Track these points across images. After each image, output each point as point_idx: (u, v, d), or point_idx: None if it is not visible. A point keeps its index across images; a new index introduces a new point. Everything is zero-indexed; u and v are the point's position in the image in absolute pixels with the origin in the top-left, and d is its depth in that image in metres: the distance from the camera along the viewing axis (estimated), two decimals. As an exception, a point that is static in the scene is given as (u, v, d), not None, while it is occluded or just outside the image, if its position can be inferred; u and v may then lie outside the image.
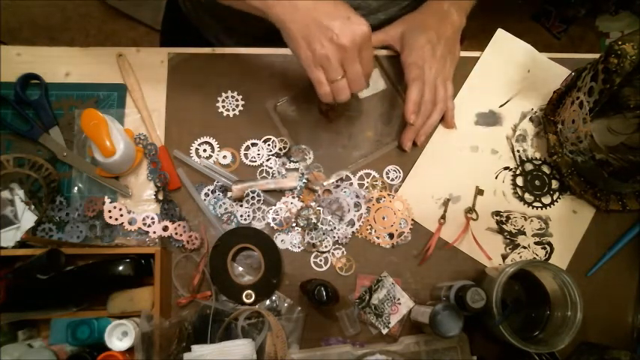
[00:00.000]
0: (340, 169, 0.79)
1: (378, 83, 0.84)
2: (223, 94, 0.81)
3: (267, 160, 0.79)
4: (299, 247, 0.77)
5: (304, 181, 0.78)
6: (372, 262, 0.77)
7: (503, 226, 0.80)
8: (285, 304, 0.74)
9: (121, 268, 0.68)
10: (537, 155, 0.83)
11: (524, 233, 0.80)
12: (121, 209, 0.74)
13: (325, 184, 0.78)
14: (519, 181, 0.81)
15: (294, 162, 0.79)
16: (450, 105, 0.81)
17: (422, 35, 0.77)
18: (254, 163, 0.79)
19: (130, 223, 0.74)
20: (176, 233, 0.74)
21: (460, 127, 0.82)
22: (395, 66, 0.82)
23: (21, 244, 0.71)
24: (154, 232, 0.74)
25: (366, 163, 0.80)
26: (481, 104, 0.84)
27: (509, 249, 0.79)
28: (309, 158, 0.80)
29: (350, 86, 0.66)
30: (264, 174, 0.78)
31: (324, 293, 0.65)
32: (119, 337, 0.66)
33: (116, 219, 0.74)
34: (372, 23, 0.86)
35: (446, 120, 0.81)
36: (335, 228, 0.76)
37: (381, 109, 0.83)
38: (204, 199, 0.77)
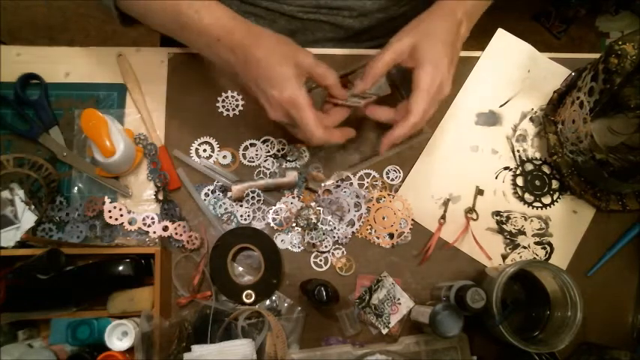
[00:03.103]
0: (339, 170, 0.79)
1: (382, 88, 0.83)
2: (223, 94, 0.81)
3: (265, 161, 0.79)
4: (299, 247, 0.76)
5: (303, 180, 0.78)
6: (372, 262, 0.77)
7: (504, 226, 0.80)
8: (285, 304, 0.74)
9: (121, 268, 0.68)
10: (537, 155, 0.82)
11: (524, 233, 0.80)
12: (121, 209, 0.74)
13: (323, 184, 0.78)
14: (519, 181, 0.81)
15: (290, 161, 0.79)
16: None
17: (437, 54, 0.67)
18: (252, 164, 0.79)
19: (130, 223, 0.74)
20: (176, 233, 0.74)
21: (460, 127, 0.82)
22: (400, 72, 0.80)
23: (21, 244, 0.71)
24: (154, 232, 0.74)
25: (366, 165, 0.80)
26: (481, 104, 0.84)
27: (509, 249, 0.79)
28: (305, 157, 0.80)
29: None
30: (261, 175, 0.78)
31: (324, 293, 0.65)
32: (119, 337, 0.66)
33: (116, 219, 0.74)
34: (371, 23, 0.86)
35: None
36: (335, 228, 0.76)
37: None
38: (204, 199, 0.77)
